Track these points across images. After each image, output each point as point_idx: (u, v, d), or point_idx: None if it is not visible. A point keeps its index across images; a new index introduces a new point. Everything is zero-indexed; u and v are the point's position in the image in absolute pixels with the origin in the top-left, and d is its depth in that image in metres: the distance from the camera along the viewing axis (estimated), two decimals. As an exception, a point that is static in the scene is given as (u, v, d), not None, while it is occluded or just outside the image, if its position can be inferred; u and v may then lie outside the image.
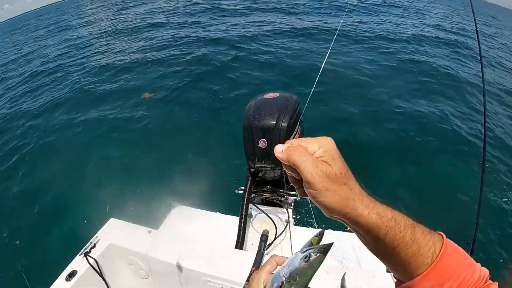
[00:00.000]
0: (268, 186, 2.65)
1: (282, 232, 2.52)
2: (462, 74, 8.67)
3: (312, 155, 0.66)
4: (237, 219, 2.53)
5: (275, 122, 2.36)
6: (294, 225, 2.70)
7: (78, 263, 2.18)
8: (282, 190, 2.60)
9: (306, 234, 2.69)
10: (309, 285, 0.69)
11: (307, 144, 0.68)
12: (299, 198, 2.58)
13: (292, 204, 2.67)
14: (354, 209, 0.63)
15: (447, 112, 6.71)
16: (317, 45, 10.38)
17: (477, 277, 0.64)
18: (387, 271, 1.93)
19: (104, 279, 2.27)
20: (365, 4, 18.67)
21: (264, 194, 2.64)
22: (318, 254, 0.66)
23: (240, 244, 2.37)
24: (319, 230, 0.72)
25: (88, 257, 2.18)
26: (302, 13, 15.38)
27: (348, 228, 0.68)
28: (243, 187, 2.60)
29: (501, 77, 9.34)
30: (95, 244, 2.28)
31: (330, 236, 2.48)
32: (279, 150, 0.70)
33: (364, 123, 6.35)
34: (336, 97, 7.18)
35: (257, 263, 2.03)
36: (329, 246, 0.66)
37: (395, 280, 0.74)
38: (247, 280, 1.92)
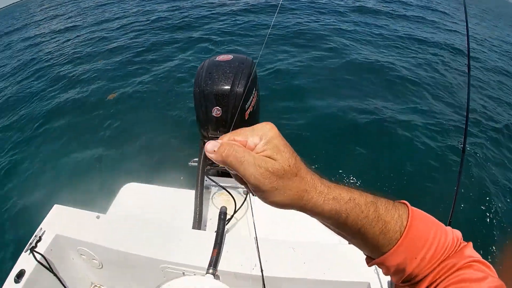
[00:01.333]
0: (224, 157, 2.47)
1: (242, 205, 2.39)
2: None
3: (252, 151, 0.57)
4: (192, 192, 2.35)
5: (229, 87, 2.15)
6: (253, 195, 2.57)
7: (25, 261, 1.92)
8: (239, 161, 2.43)
9: (266, 205, 2.58)
10: None
11: (245, 137, 0.58)
12: None
13: (250, 174, 2.52)
14: (308, 200, 0.57)
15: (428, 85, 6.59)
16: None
17: (450, 241, 0.62)
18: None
19: (55, 274, 2.03)
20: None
21: (221, 165, 2.46)
22: None
23: (197, 222, 2.21)
24: None
25: (34, 252, 1.92)
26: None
27: None
28: (197, 159, 2.40)
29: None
30: (40, 237, 2.01)
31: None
32: (211, 150, 0.57)
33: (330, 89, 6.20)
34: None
35: (218, 244, 1.89)
36: None
37: (366, 256, 0.69)
38: (209, 265, 1.79)
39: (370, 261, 0.67)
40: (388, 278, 1.72)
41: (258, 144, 0.57)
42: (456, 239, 0.63)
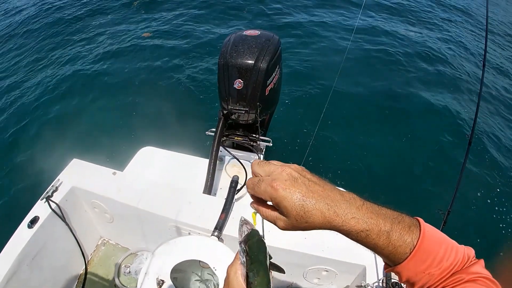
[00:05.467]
0: (240, 130, 2.54)
1: (253, 176, 2.45)
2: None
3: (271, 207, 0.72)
4: (206, 161, 2.42)
5: (253, 62, 2.19)
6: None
7: (40, 208, 2.04)
8: (254, 135, 2.49)
9: None
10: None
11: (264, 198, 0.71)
12: (271, 144, 2.50)
13: (264, 150, 2.59)
14: (321, 227, 0.69)
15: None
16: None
17: (461, 258, 0.67)
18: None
19: (67, 224, 2.15)
20: None
21: (236, 138, 2.52)
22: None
23: (208, 188, 2.28)
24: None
25: (50, 201, 2.04)
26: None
27: None
28: (214, 129, 2.47)
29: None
30: (57, 188, 2.13)
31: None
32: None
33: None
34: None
35: (226, 210, 1.96)
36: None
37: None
38: (215, 228, 1.86)
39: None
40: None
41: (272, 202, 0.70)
42: (467, 256, 0.68)
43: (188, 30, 7.31)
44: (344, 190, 0.70)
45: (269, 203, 0.72)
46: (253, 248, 0.72)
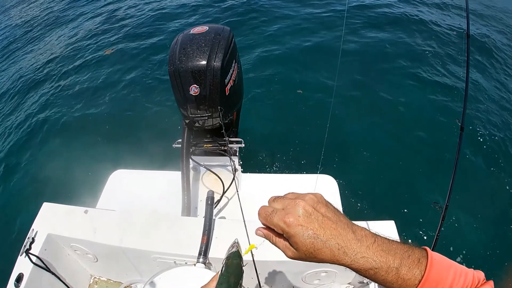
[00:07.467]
0: (208, 136, 2.37)
1: (230, 185, 2.29)
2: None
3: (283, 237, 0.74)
4: (180, 174, 2.26)
5: (206, 62, 2.01)
6: (242, 172, 2.49)
7: (22, 264, 1.91)
8: (224, 139, 2.32)
9: (256, 180, 2.50)
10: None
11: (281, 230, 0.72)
12: (243, 145, 2.34)
13: (237, 151, 2.42)
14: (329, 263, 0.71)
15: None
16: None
17: (470, 281, 0.67)
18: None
19: (53, 273, 2.03)
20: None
21: (205, 146, 2.35)
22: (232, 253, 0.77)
23: (186, 209, 2.14)
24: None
25: (30, 255, 1.91)
26: None
27: None
28: (180, 140, 2.30)
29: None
30: (33, 239, 1.99)
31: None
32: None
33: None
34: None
35: (207, 231, 1.83)
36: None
37: None
38: (199, 253, 1.73)
39: None
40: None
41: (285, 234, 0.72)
42: (477, 279, 0.68)
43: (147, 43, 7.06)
44: (357, 225, 0.71)
45: None
46: (230, 269, 0.73)
